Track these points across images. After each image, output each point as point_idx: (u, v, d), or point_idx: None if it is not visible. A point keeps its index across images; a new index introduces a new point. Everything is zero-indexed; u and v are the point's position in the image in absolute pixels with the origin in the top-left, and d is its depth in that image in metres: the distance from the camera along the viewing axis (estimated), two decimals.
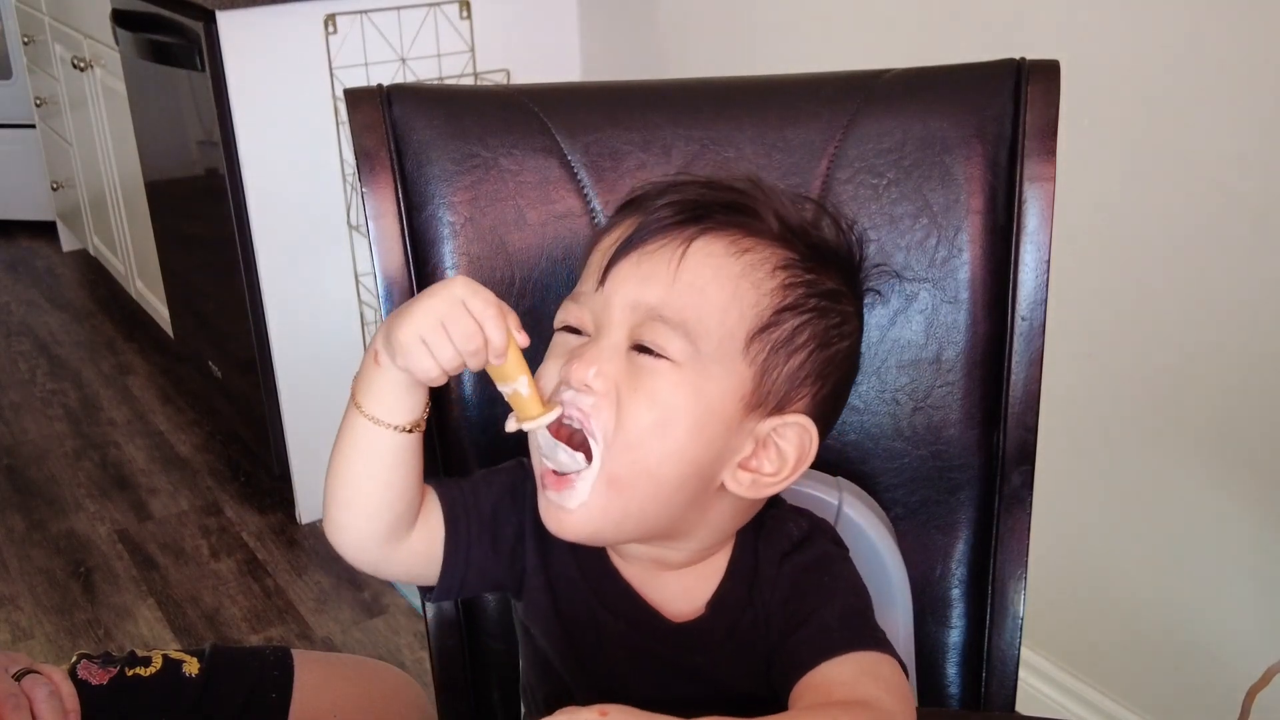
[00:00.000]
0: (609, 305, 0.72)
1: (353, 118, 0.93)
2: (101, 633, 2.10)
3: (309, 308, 2.26)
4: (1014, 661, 0.98)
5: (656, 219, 0.73)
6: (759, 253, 0.72)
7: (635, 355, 0.71)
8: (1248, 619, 1.43)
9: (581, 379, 0.70)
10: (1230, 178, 1.32)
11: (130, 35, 2.42)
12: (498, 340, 0.67)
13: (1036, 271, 0.92)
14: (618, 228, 0.75)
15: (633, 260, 0.72)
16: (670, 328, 0.70)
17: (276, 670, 1.01)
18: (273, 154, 2.15)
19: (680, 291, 0.71)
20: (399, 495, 0.74)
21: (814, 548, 0.77)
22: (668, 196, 0.74)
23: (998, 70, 0.93)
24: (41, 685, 0.90)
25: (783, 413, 0.73)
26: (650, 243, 0.72)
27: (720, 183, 0.76)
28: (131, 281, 3.19)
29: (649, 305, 0.71)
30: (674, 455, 0.71)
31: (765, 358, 0.72)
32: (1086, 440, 1.55)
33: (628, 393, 0.70)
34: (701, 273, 0.71)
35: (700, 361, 0.71)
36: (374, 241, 0.93)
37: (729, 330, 0.71)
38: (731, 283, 0.71)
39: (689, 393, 0.71)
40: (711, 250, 0.72)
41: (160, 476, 2.60)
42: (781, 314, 0.72)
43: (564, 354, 0.73)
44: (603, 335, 0.72)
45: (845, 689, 0.68)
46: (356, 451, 0.73)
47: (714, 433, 0.72)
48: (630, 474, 0.71)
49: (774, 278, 0.72)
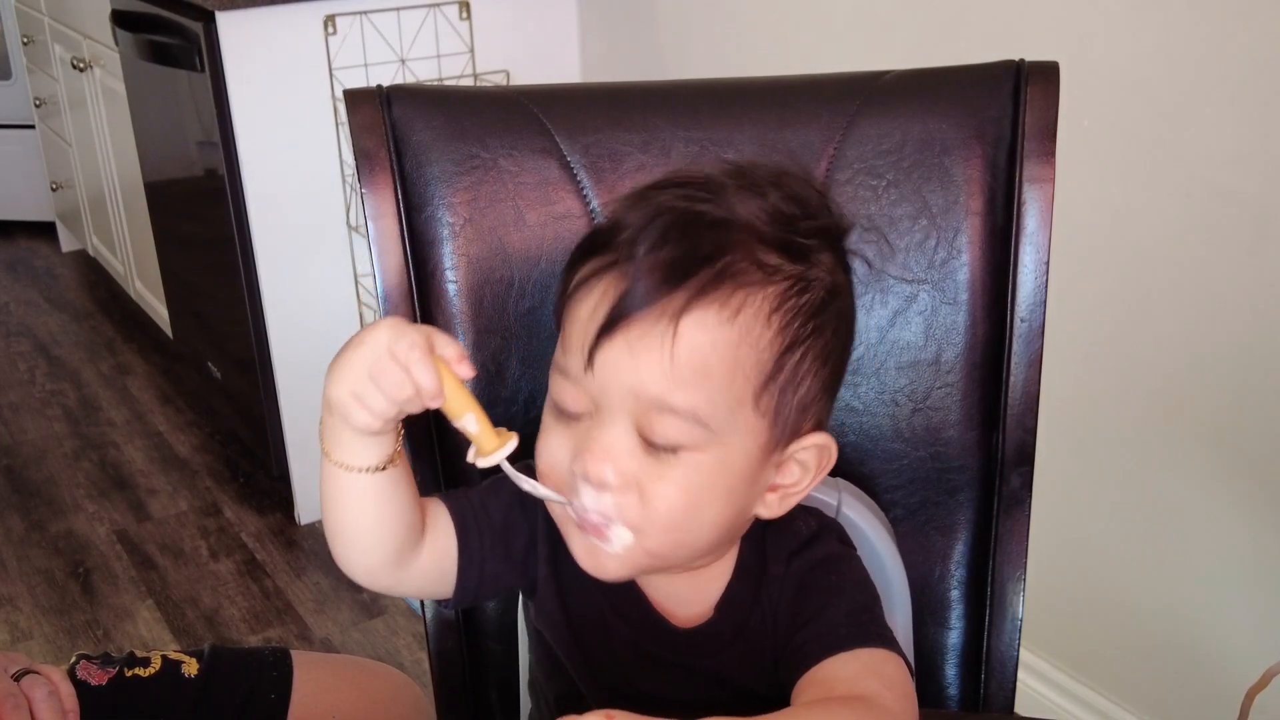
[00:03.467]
0: (606, 391, 0.68)
1: (352, 118, 0.93)
2: (100, 633, 2.10)
3: (308, 308, 2.26)
4: (1013, 663, 0.98)
5: (635, 291, 0.67)
6: (749, 306, 0.68)
7: (649, 448, 0.69)
8: (1247, 621, 1.43)
9: (600, 476, 0.69)
10: (1230, 179, 1.32)
11: (130, 36, 2.42)
12: (427, 385, 0.64)
13: (1036, 273, 0.92)
14: (591, 293, 0.70)
15: (620, 343, 0.67)
16: (680, 418, 0.68)
17: (275, 671, 1.01)
18: (272, 155, 2.14)
19: (681, 377, 0.67)
20: (393, 527, 0.73)
21: (822, 546, 0.77)
22: (641, 251, 0.67)
23: (997, 72, 0.93)
24: (40, 685, 0.90)
25: (800, 435, 0.73)
26: (634, 321, 0.67)
27: (686, 215, 0.69)
28: (131, 282, 3.19)
29: (652, 395, 0.67)
30: (711, 526, 0.72)
31: (776, 403, 0.70)
32: (1085, 441, 1.55)
33: (650, 482, 0.69)
34: (699, 350, 0.67)
35: (717, 437, 0.69)
36: (373, 242, 0.93)
37: (737, 397, 0.69)
38: (731, 351, 0.68)
39: (713, 472, 0.70)
40: (704, 322, 0.67)
41: (159, 477, 2.60)
42: (783, 357, 0.70)
43: (568, 438, 0.71)
44: (608, 420, 0.69)
45: (847, 685, 0.68)
46: (338, 497, 0.72)
47: (742, 490, 0.72)
48: (670, 547, 0.72)
49: (770, 326, 0.69)
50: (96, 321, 3.44)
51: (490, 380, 0.94)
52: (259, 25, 2.07)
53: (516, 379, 0.94)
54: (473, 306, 0.93)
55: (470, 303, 0.93)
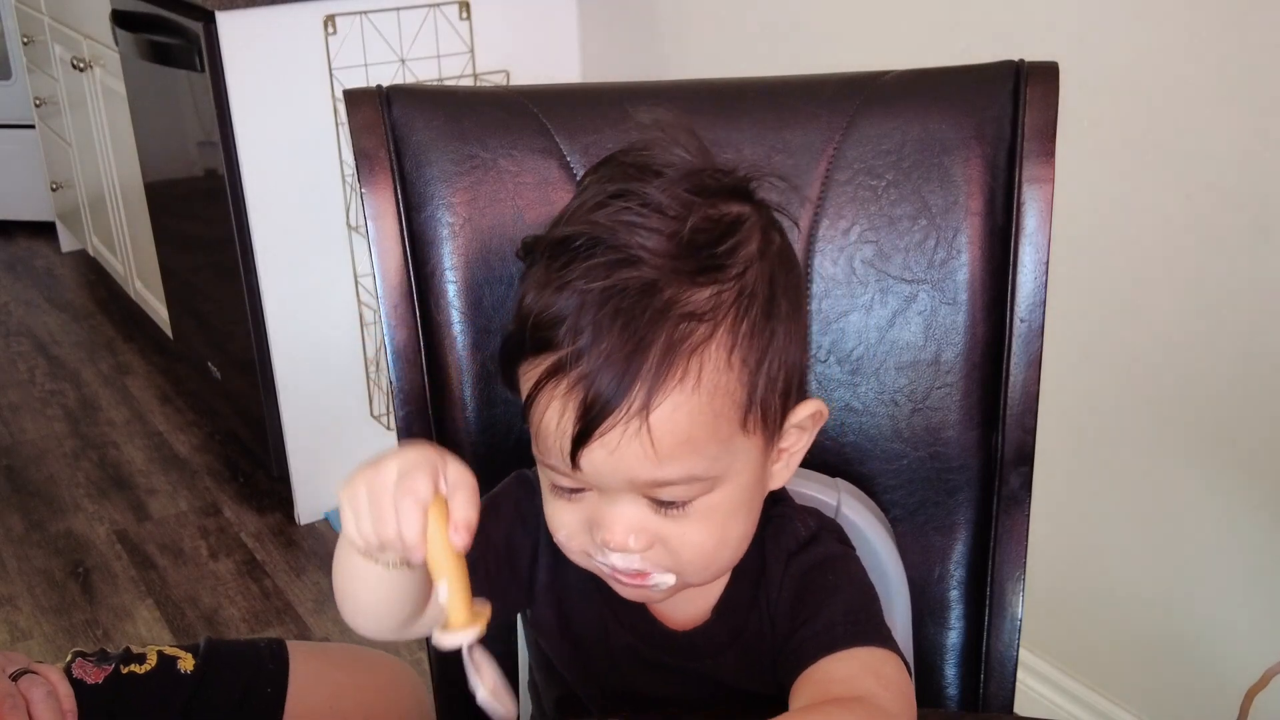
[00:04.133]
0: (600, 480, 0.68)
1: (352, 118, 0.93)
2: (100, 633, 2.10)
3: (308, 308, 2.26)
4: (1012, 663, 0.98)
5: (595, 399, 0.64)
6: (709, 363, 0.66)
7: (660, 507, 0.69)
8: (1246, 621, 1.43)
9: (623, 545, 0.69)
10: (1229, 179, 1.32)
11: (130, 36, 2.42)
12: (408, 537, 0.62)
13: (1035, 273, 0.92)
14: (553, 399, 0.67)
15: (599, 450, 0.66)
16: (680, 484, 0.68)
17: (272, 664, 1.01)
18: (272, 154, 2.14)
19: (668, 456, 0.66)
20: (403, 604, 0.72)
21: (821, 547, 0.77)
22: (586, 352, 0.65)
23: (997, 72, 0.93)
24: (39, 685, 0.90)
25: (790, 412, 0.74)
26: (606, 428, 0.65)
27: (609, 292, 0.65)
28: (131, 282, 3.19)
29: (645, 480, 0.67)
30: (740, 542, 0.74)
31: (761, 416, 0.70)
32: (1085, 442, 1.55)
33: (672, 537, 0.70)
34: (677, 430, 0.66)
35: (719, 476, 0.69)
36: (373, 242, 0.93)
37: (725, 438, 0.68)
38: (707, 412, 0.67)
39: (726, 503, 0.70)
40: (671, 404, 0.65)
41: (159, 477, 2.60)
42: (753, 382, 0.69)
43: (576, 515, 0.71)
44: (613, 498, 0.69)
45: (844, 685, 0.68)
46: (349, 577, 0.71)
47: (758, 496, 0.74)
48: (710, 574, 0.74)
49: (732, 368, 0.67)
50: (96, 321, 3.44)
51: (490, 380, 0.94)
52: (259, 25, 2.07)
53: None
54: (472, 306, 0.93)
55: (470, 303, 0.93)
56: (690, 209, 0.67)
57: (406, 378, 0.94)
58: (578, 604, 0.80)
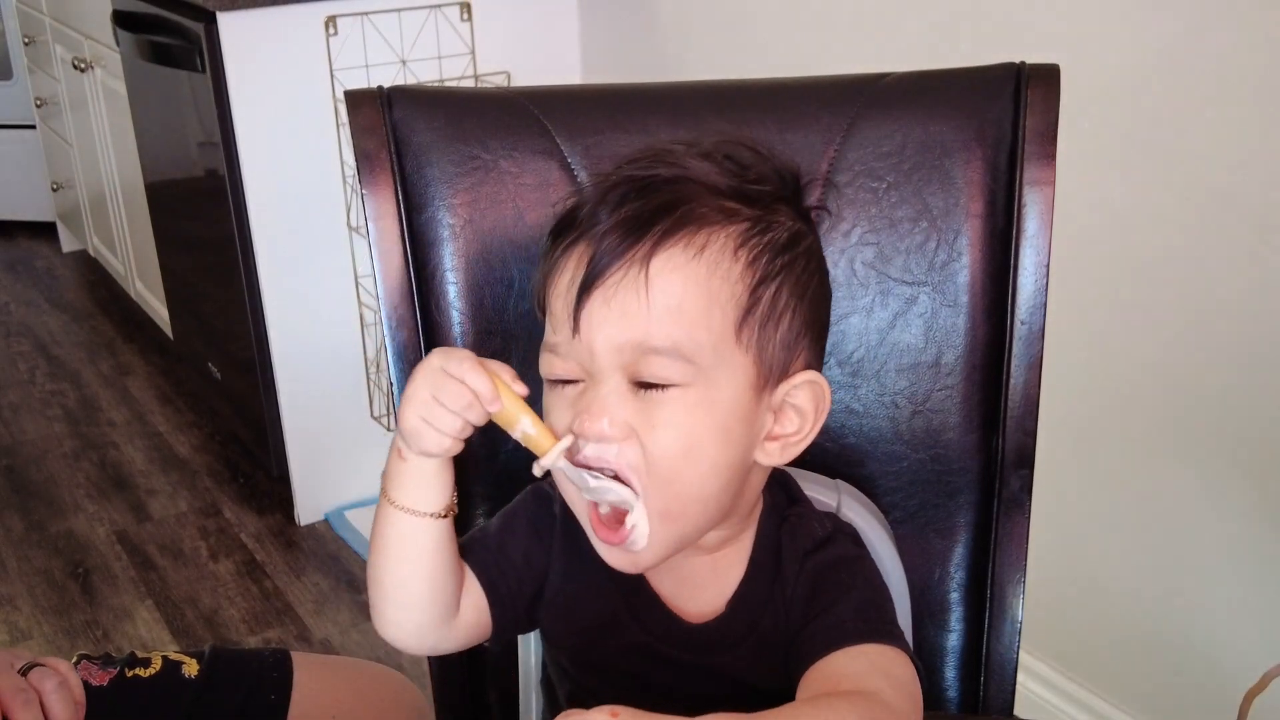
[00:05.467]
0: (593, 352, 0.71)
1: (353, 119, 0.93)
2: (100, 634, 2.10)
3: (308, 309, 2.26)
4: (1012, 665, 0.98)
5: (604, 248, 0.70)
6: (714, 243, 0.71)
7: (640, 391, 0.70)
8: (1245, 623, 1.43)
9: (597, 431, 0.70)
10: (1230, 181, 1.32)
11: (131, 36, 2.42)
12: (483, 389, 0.68)
13: (1036, 275, 0.92)
14: (567, 265, 0.73)
15: (599, 299, 0.70)
16: (665, 356, 0.70)
17: (275, 672, 1.02)
18: (273, 155, 2.15)
19: (659, 317, 0.69)
20: (444, 582, 0.76)
21: (836, 547, 0.78)
22: (604, 217, 0.71)
23: (998, 74, 0.93)
24: (50, 678, 0.91)
25: (789, 375, 0.74)
26: (608, 275, 0.70)
27: (641, 179, 0.73)
28: (131, 282, 3.19)
29: (635, 342, 0.70)
30: (711, 471, 0.72)
31: (758, 338, 0.72)
32: (1085, 444, 1.55)
33: (646, 430, 0.70)
34: (671, 290, 0.70)
35: (703, 374, 0.70)
36: (374, 243, 0.93)
37: (717, 332, 0.70)
38: (702, 286, 0.70)
39: (704, 409, 0.71)
40: (672, 262, 0.70)
41: (159, 477, 2.60)
42: (757, 290, 0.71)
43: (567, 406, 0.73)
44: (599, 380, 0.71)
45: (852, 680, 0.68)
46: (398, 545, 0.75)
47: (738, 431, 0.73)
48: (678, 504, 0.72)
49: (738, 260, 0.71)
50: (97, 322, 3.44)
51: None
52: (260, 26, 2.07)
53: None
54: (473, 307, 0.93)
55: (470, 303, 0.93)
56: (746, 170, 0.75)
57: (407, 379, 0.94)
58: (591, 601, 0.80)
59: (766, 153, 0.77)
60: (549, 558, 0.81)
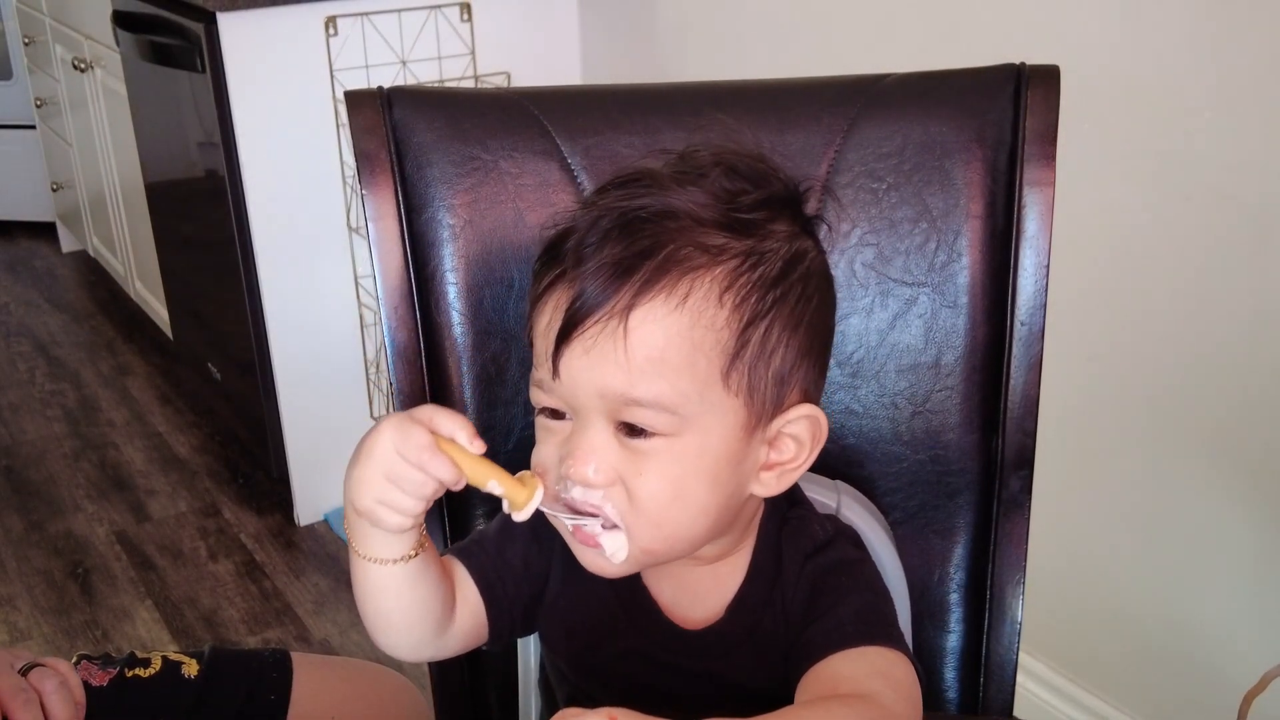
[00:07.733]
0: (575, 394, 0.70)
1: (353, 120, 0.93)
2: (99, 634, 2.10)
3: (308, 310, 2.26)
4: (1012, 666, 0.98)
5: (584, 296, 0.68)
6: (698, 290, 0.68)
7: (627, 437, 0.70)
8: (1245, 624, 1.43)
9: (583, 477, 0.70)
10: (1230, 182, 1.32)
11: (131, 36, 2.42)
12: (447, 478, 0.66)
13: (1036, 276, 0.92)
14: (546, 307, 0.71)
15: (578, 349, 0.68)
16: (648, 408, 0.68)
17: (275, 672, 1.02)
18: (273, 156, 2.14)
19: (640, 370, 0.67)
20: (428, 607, 0.76)
21: (837, 550, 0.78)
22: (586, 256, 0.69)
23: (998, 75, 0.93)
24: (50, 678, 0.91)
25: (784, 408, 0.73)
26: (587, 325, 0.68)
27: (627, 212, 0.70)
28: (131, 283, 3.19)
29: (616, 391, 0.68)
30: (700, 513, 0.72)
31: (748, 380, 0.70)
32: (1085, 445, 1.55)
33: (632, 476, 0.70)
34: (652, 342, 0.67)
35: (690, 422, 0.69)
36: (374, 244, 0.93)
37: (703, 380, 0.69)
38: (685, 337, 0.68)
39: (692, 456, 0.70)
40: (652, 314, 0.68)
41: (159, 478, 2.60)
42: (745, 333, 0.69)
43: (556, 442, 0.72)
44: (585, 422, 0.70)
45: (851, 683, 0.68)
46: (372, 589, 0.74)
47: (728, 474, 0.72)
48: (663, 544, 0.72)
49: (723, 306, 0.69)
50: (96, 322, 3.44)
51: (490, 382, 0.94)
52: (260, 26, 2.07)
53: (516, 380, 0.94)
54: (473, 308, 0.93)
55: (470, 304, 0.93)
56: (739, 193, 0.71)
57: (407, 379, 0.94)
58: (589, 607, 0.80)
59: (767, 159, 0.76)
60: (548, 562, 0.81)
